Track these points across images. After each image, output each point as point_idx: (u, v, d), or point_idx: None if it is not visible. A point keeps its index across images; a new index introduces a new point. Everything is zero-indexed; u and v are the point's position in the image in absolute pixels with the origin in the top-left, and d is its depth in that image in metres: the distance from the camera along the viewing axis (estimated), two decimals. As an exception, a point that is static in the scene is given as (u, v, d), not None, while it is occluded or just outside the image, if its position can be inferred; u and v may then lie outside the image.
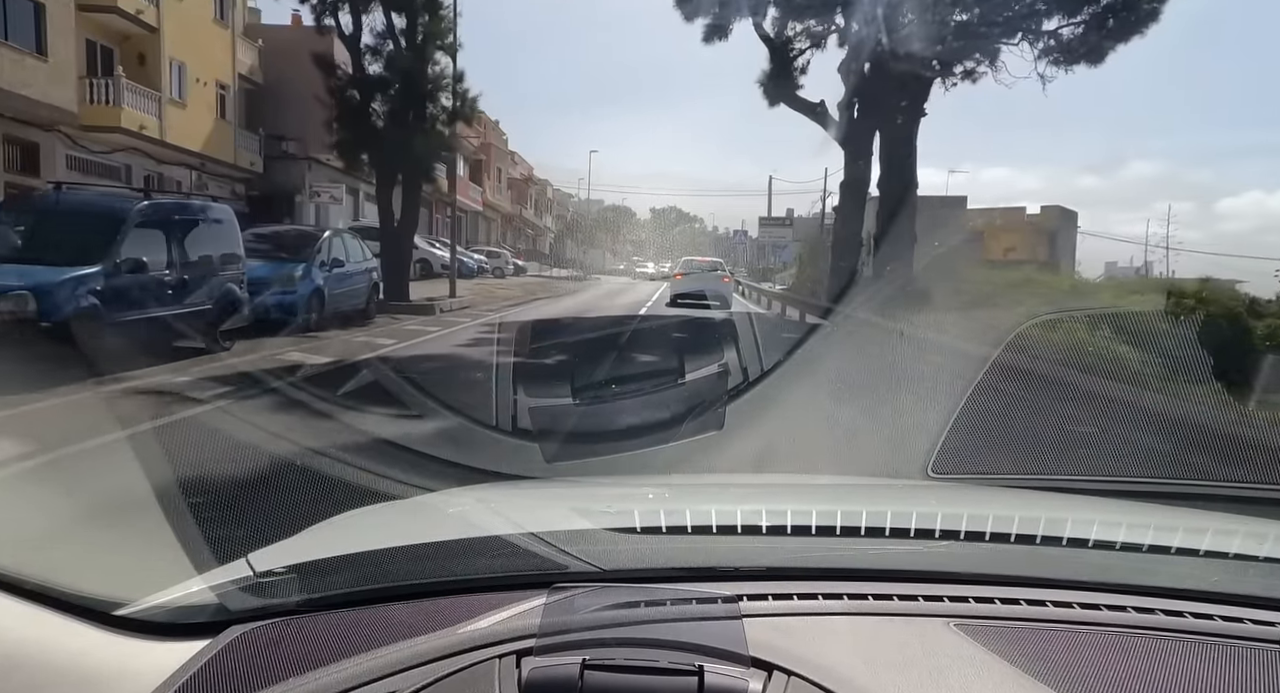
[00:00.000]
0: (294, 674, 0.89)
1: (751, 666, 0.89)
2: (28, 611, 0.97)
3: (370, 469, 3.31)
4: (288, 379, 7.47)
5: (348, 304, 13.45)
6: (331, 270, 12.52)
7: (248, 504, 3.55)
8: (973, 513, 1.40)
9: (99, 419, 5.49)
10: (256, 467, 4.25)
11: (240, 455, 4.61)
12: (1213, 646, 0.96)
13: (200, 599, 1.06)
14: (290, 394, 6.73)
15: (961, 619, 0.99)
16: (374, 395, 6.97)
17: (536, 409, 4.00)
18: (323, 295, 12.16)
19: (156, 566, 1.43)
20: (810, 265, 36.34)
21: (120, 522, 2.78)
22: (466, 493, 1.78)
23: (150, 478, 3.59)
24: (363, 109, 15.78)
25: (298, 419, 5.84)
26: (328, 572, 1.13)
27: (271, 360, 9.02)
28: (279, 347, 9.95)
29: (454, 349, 10.46)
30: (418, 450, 4.25)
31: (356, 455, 4.05)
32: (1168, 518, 1.55)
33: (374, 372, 8.41)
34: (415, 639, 0.93)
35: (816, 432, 5.42)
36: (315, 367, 8.69)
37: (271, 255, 11.91)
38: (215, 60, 24.28)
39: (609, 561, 1.11)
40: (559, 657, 0.89)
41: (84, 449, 4.84)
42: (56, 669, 0.92)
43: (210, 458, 4.65)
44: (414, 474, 3.39)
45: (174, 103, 22.21)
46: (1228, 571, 1.16)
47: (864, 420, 5.64)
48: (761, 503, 1.56)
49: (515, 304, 20.61)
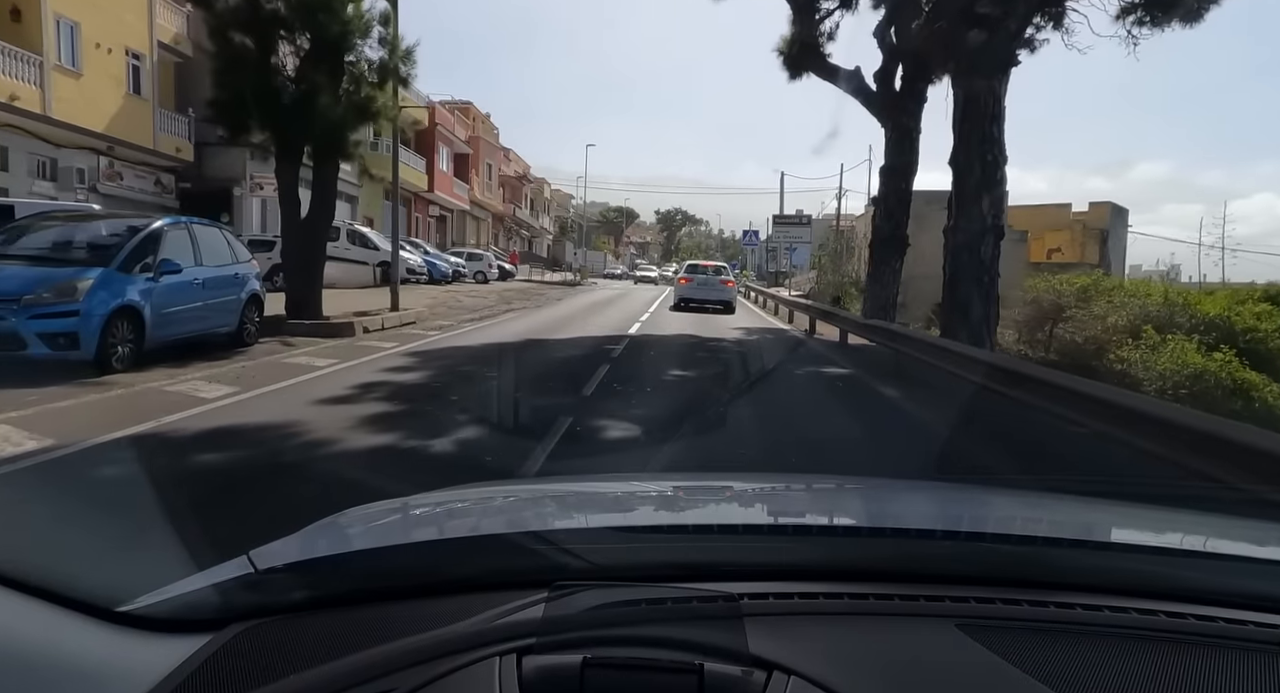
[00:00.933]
0: (294, 671, 0.89)
1: (752, 665, 0.88)
2: (29, 606, 0.95)
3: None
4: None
5: (198, 327, 9.33)
6: (161, 279, 8.37)
7: (250, 502, 3.79)
8: (974, 513, 1.48)
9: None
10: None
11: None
12: (1217, 648, 0.94)
13: (202, 596, 1.05)
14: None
15: (963, 620, 0.97)
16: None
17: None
18: (140, 316, 8.03)
19: (158, 562, 1.53)
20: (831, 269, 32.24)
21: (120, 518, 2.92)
22: (468, 492, 1.75)
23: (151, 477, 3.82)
24: (256, 59, 11.69)
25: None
26: (329, 569, 1.12)
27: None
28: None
29: (302, 414, 6.27)
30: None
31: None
32: (1170, 519, 1.56)
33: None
34: (415, 637, 0.91)
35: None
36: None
37: (46, 258, 7.80)
38: (124, 23, 20.21)
39: (609, 559, 1.09)
40: (559, 655, 0.88)
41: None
42: (57, 665, 0.90)
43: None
44: (415, 474, 4.27)
45: (63, 70, 18.17)
46: (1231, 572, 1.14)
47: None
48: (763, 503, 1.67)
49: (478, 319, 16.50)
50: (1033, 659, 0.90)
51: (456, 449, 5.35)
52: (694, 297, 22.89)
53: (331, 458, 5.02)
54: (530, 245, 70.00)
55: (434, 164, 38.78)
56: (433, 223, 42.25)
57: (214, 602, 1.03)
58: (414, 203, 39.30)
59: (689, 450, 5.49)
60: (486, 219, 52.81)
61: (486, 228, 53.31)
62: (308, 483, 4.40)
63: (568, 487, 1.93)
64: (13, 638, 0.91)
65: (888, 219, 17.15)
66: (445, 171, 40.94)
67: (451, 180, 42.13)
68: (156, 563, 1.59)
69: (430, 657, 0.87)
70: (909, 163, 17.16)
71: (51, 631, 0.94)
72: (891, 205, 17.16)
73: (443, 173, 40.19)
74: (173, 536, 2.11)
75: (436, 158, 39.33)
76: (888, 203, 17.21)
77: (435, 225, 42.91)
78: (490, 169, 50.66)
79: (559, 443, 5.44)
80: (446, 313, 17.74)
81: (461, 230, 47.46)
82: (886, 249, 17.10)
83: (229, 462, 4.99)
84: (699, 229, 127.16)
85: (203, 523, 2.40)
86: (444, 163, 40.68)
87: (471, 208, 47.57)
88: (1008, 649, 0.91)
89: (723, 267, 26.44)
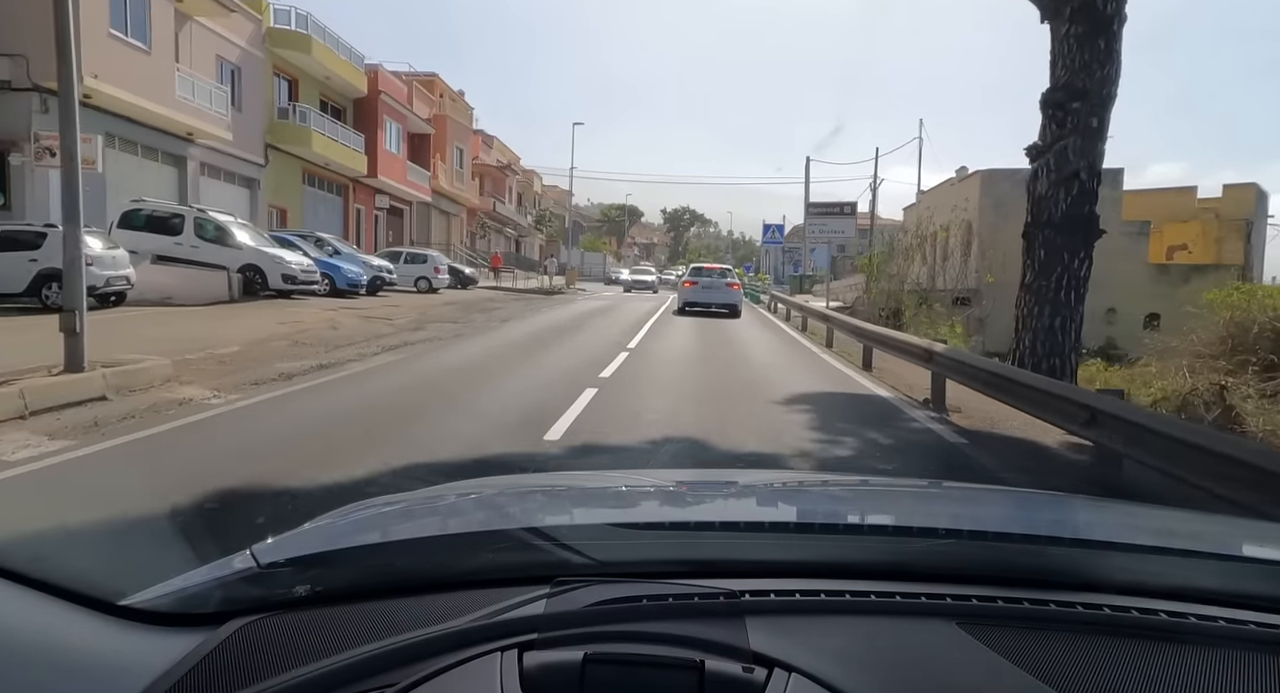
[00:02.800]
0: (296, 666, 0.89)
1: (753, 662, 0.88)
2: (31, 599, 0.95)
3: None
4: None
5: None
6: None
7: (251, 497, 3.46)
8: (977, 512, 1.47)
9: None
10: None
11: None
12: (1217, 648, 0.95)
13: (204, 590, 1.04)
14: None
15: (964, 618, 0.97)
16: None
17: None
18: None
19: (160, 556, 1.35)
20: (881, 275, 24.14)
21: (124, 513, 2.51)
22: (469, 487, 1.75)
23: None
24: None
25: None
26: (331, 565, 1.11)
27: None
28: None
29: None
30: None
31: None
32: (1171, 519, 1.57)
33: None
34: (417, 632, 0.91)
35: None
36: None
37: None
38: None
39: (611, 555, 1.09)
40: (561, 651, 0.89)
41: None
42: (59, 658, 0.90)
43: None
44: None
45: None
46: (1232, 572, 1.15)
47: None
48: (765, 500, 1.62)
49: (293, 378, 8.65)
50: (1034, 658, 0.90)
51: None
52: (698, 301, 22.11)
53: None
54: (518, 246, 62.00)
55: (377, 142, 30.93)
56: (380, 217, 34.37)
57: (216, 596, 1.03)
58: (352, 190, 31.43)
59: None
60: (459, 214, 44.93)
61: (459, 225, 45.41)
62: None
63: (570, 482, 1.97)
64: (14, 630, 0.91)
65: (1063, 183, 9.18)
66: (395, 153, 33.07)
67: (404, 165, 34.28)
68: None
69: (432, 652, 0.88)
70: (1107, 78, 9.17)
71: (54, 624, 0.94)
72: (1071, 160, 9.19)
73: (389, 154, 32.32)
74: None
75: (381, 135, 31.48)
76: (1063, 158, 9.23)
77: (386, 220, 35.00)
78: (461, 155, 42.78)
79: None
80: (256, 359, 9.78)
81: (425, 226, 39.61)
82: (1063, 236, 9.15)
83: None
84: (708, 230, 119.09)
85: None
86: (392, 142, 32.81)
87: (436, 200, 39.73)
88: (1009, 648, 0.92)
89: (728, 269, 25.14)
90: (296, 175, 26.78)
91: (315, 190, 28.47)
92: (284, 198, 25.97)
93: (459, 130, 42.22)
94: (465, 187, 43.48)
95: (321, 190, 29.03)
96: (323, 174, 28.60)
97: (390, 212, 35.25)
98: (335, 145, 27.36)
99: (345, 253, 21.56)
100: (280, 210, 25.99)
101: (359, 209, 32.29)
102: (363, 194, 32.24)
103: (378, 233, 34.30)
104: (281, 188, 25.65)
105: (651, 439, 6.16)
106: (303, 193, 27.34)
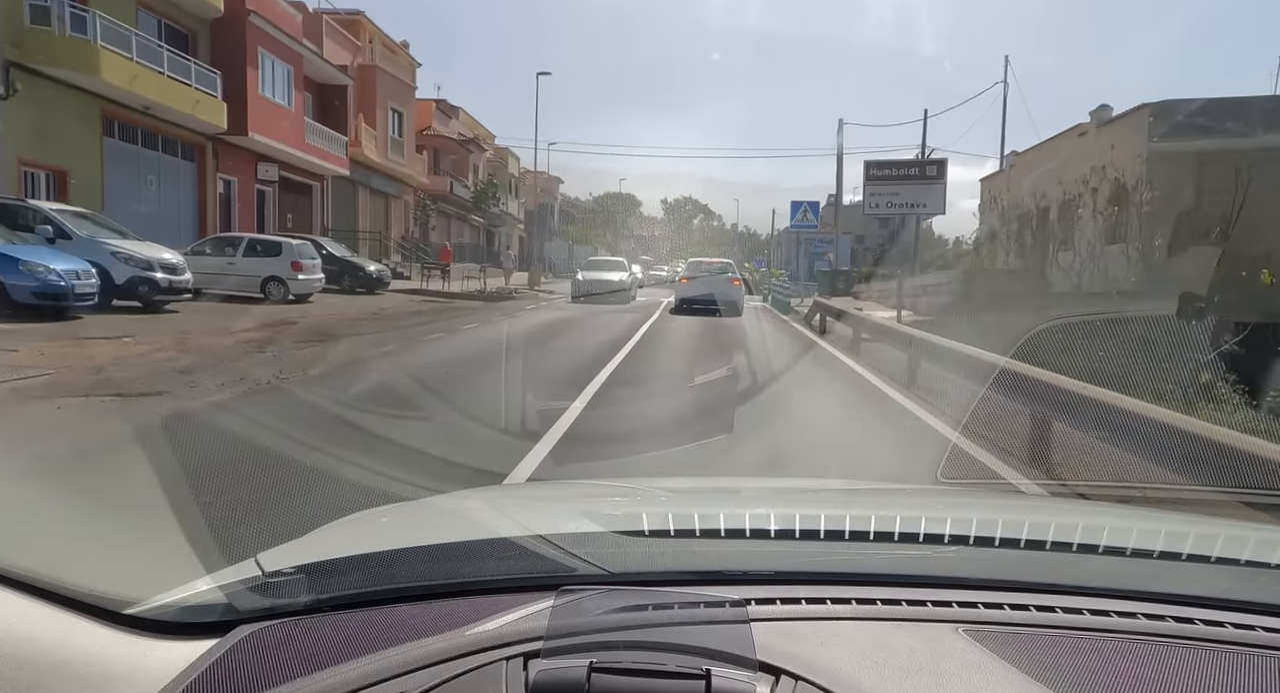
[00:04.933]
0: (301, 674, 0.89)
1: (759, 670, 0.88)
2: (37, 608, 0.95)
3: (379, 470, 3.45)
4: None
5: None
6: None
7: (257, 503, 3.55)
8: (982, 518, 1.43)
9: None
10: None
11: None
12: (1224, 653, 0.94)
13: (209, 599, 1.04)
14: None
15: (970, 625, 0.97)
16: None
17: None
18: None
19: (166, 564, 1.41)
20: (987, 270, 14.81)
21: (129, 520, 2.79)
22: (475, 495, 1.74)
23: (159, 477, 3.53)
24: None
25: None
26: (336, 572, 1.11)
27: None
28: None
29: None
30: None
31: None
32: (1179, 524, 1.54)
33: None
34: (423, 640, 0.92)
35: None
36: None
37: None
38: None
39: (617, 563, 1.10)
40: (566, 659, 0.88)
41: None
42: (65, 667, 0.90)
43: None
44: (422, 475, 3.85)
45: None
46: (1239, 577, 1.15)
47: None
48: (769, 507, 1.59)
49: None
50: (1040, 664, 0.89)
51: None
52: (695, 297, 21.15)
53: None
54: (490, 238, 52.68)
55: (246, 85, 21.63)
56: (269, 193, 25.06)
57: (222, 605, 1.02)
58: (211, 153, 22.08)
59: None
60: (402, 196, 35.62)
61: (403, 209, 36.11)
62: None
63: (575, 490, 1.97)
64: (22, 640, 0.90)
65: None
66: (282, 104, 23.75)
67: (301, 123, 24.98)
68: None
69: (437, 660, 0.87)
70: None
71: (61, 634, 0.93)
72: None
73: (270, 104, 23.01)
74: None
75: (254, 76, 22.18)
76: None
77: (277, 198, 25.65)
78: (400, 121, 33.43)
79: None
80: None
81: (348, 209, 30.34)
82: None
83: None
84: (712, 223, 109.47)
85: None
86: (275, 88, 23.45)
87: (363, 175, 30.45)
88: (1015, 654, 0.91)
89: (728, 264, 24.40)
90: (87, 120, 17.48)
91: (130, 146, 19.11)
92: (59, 153, 16.67)
93: (395, 88, 32.87)
94: (407, 160, 34.14)
95: (145, 148, 19.66)
96: (145, 124, 19.26)
97: (287, 187, 25.96)
98: (158, 78, 18.07)
99: (82, 237, 12.25)
100: (55, 172, 16.72)
101: (227, 181, 22.96)
102: (234, 160, 22.91)
103: (264, 215, 25.02)
104: (53, 136, 16.35)
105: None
106: (104, 148, 18.03)
